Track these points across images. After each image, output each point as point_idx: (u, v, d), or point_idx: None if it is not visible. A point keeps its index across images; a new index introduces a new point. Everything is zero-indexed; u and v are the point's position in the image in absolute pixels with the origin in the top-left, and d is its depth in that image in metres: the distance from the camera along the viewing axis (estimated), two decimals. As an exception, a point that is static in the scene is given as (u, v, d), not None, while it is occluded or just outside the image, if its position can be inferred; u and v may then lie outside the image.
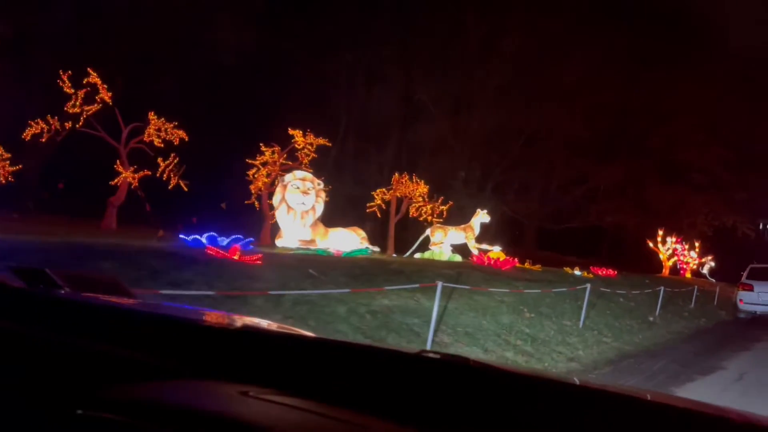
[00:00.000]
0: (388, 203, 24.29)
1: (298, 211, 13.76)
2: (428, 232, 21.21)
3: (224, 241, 9.53)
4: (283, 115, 21.84)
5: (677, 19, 39.96)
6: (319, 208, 14.21)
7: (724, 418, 1.18)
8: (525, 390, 1.27)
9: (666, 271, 36.59)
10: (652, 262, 37.90)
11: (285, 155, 19.31)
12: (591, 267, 22.05)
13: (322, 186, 14.52)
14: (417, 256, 20.82)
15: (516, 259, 17.38)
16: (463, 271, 13.32)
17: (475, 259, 17.11)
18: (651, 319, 15.74)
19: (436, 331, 8.08)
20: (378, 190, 23.68)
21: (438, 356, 1.35)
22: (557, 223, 42.43)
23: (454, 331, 8.50)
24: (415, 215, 24.10)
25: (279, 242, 13.82)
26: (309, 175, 14.59)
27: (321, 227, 14.53)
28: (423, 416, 1.16)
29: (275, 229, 16.28)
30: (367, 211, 23.56)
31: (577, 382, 1.48)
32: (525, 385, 1.32)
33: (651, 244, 37.57)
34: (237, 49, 24.77)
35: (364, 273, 10.25)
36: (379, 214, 23.67)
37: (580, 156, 41.11)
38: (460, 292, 10.42)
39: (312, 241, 13.84)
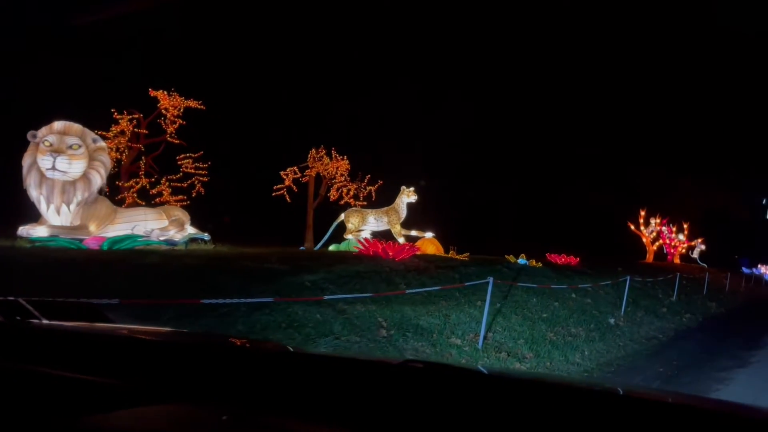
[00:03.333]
0: (305, 186, 19.98)
1: (58, 180, 9.25)
2: (342, 217, 16.93)
3: None
4: (166, 81, 17.15)
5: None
6: (96, 179, 9.68)
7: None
8: (513, 393, 1.28)
9: (650, 257, 32.39)
10: (638, 248, 33.79)
11: (131, 126, 14.83)
12: (548, 254, 17.78)
13: (101, 144, 9.99)
14: (332, 248, 16.60)
15: (418, 247, 13.03)
16: (306, 265, 8.96)
17: (361, 246, 12.76)
18: (612, 321, 11.47)
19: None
20: (288, 169, 19.29)
21: (422, 365, 1.34)
22: (534, 207, 38.30)
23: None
24: (335, 198, 19.76)
25: (24, 230, 9.21)
26: (76, 127, 9.89)
27: (103, 207, 9.99)
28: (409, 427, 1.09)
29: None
30: (273, 195, 19.19)
31: (570, 381, 1.79)
32: (513, 388, 1.33)
33: (632, 227, 33.32)
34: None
35: None
36: (288, 199, 19.29)
37: (558, 132, 37.12)
38: (272, 306, 6.10)
39: (80, 228, 9.38)
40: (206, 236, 11.73)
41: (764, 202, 40.06)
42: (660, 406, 1.26)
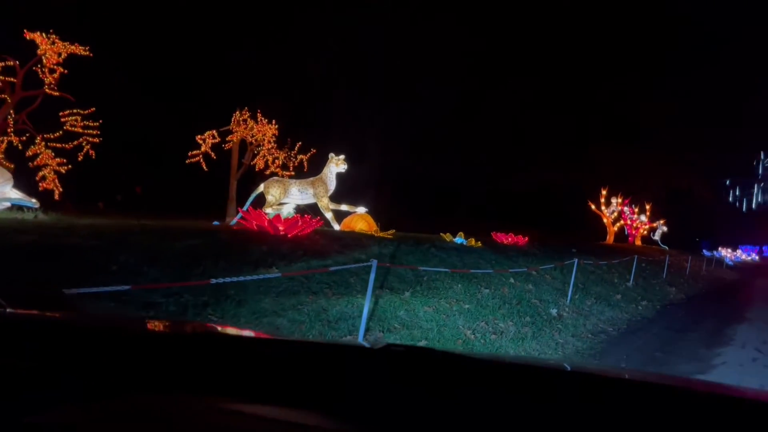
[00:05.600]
0: (228, 153, 17.70)
1: None
2: (261, 188, 14.79)
3: None
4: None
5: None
6: None
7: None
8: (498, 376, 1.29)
9: (611, 238, 31.03)
10: (599, 228, 32.44)
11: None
12: (493, 233, 15.96)
13: None
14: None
15: (319, 220, 10.94)
16: (131, 240, 6.84)
17: (243, 220, 10.63)
18: (554, 311, 9.66)
19: None
20: (206, 133, 16.97)
21: (404, 349, 1.34)
22: (493, 185, 36.64)
23: None
24: (261, 167, 17.56)
25: None
26: None
27: None
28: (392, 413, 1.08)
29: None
30: (187, 162, 16.87)
31: (560, 365, 1.66)
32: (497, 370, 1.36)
33: (593, 207, 31.85)
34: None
35: None
36: (205, 167, 17.00)
37: (522, 111, 35.31)
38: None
39: None
40: (33, 203, 9.50)
41: (728, 182, 39.12)
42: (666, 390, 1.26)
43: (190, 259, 6.23)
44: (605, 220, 31.52)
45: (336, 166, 14.58)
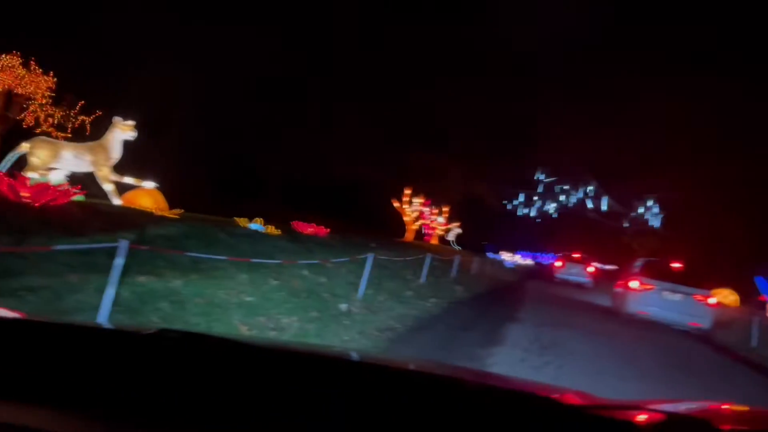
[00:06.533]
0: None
1: None
2: (25, 147, 12.49)
3: None
4: None
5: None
6: None
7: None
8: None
9: (410, 236, 32.46)
10: (401, 226, 33.74)
11: None
12: (293, 222, 15.42)
13: None
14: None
15: (81, 189, 9.53)
16: None
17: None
18: (344, 307, 9.34)
19: None
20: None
21: (178, 334, 1.24)
22: (303, 175, 36.19)
23: None
24: (30, 124, 14.93)
25: None
26: None
27: None
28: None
29: None
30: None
31: (340, 353, 1.75)
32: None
33: (396, 204, 33.06)
34: None
35: None
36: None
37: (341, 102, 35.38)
38: None
39: None
40: None
41: (510, 196, 43.50)
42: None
43: None
44: (406, 219, 32.87)
45: (122, 131, 12.82)
